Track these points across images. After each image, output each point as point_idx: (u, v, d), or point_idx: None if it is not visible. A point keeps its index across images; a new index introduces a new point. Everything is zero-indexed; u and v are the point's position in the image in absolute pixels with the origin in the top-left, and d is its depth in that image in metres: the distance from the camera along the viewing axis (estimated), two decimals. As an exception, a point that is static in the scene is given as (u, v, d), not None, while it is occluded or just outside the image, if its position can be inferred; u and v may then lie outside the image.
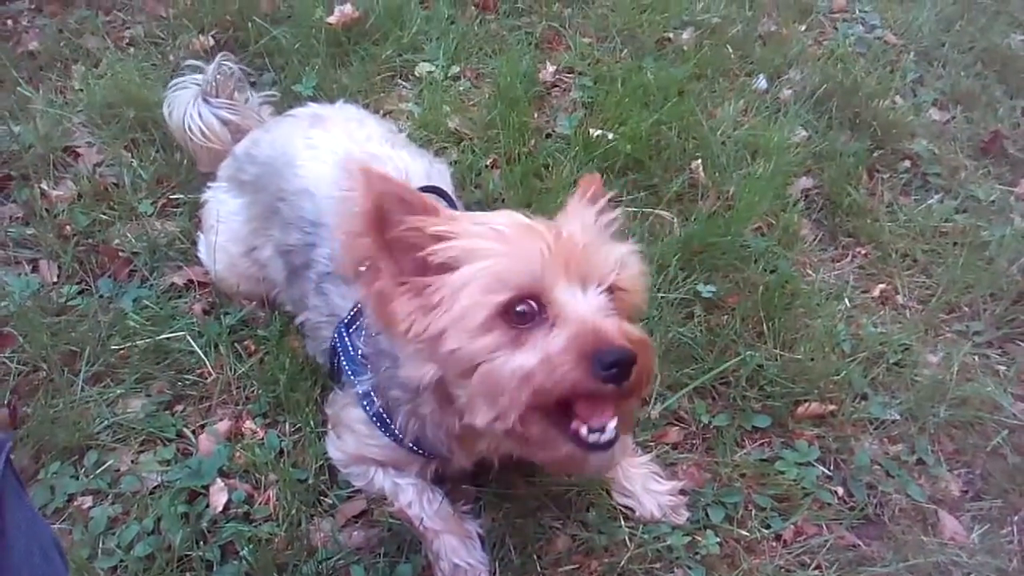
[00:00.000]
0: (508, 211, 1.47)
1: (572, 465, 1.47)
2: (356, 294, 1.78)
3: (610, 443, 1.35)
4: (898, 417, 2.20)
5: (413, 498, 1.85)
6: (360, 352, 1.75)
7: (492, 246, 1.37)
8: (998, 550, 1.99)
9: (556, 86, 3.11)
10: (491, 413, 1.36)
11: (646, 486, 1.96)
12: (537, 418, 1.34)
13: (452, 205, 1.87)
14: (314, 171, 1.94)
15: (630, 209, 2.63)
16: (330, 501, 1.92)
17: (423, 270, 1.39)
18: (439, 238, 1.38)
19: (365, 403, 1.74)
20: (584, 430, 1.33)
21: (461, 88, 3.03)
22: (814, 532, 1.96)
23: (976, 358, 2.39)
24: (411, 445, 1.74)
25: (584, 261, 1.38)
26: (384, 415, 1.73)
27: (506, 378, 1.32)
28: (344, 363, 1.79)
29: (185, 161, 2.47)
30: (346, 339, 1.79)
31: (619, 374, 1.28)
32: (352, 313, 1.79)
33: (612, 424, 1.33)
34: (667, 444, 2.09)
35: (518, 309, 1.34)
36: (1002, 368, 2.37)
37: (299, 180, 1.94)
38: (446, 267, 1.37)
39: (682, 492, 1.98)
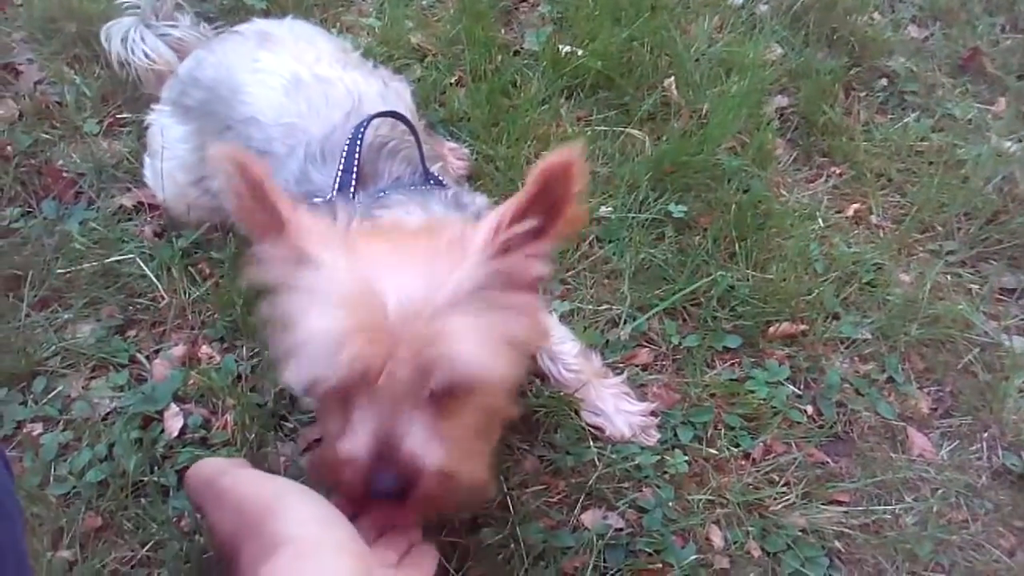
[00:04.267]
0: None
1: None
2: None
3: None
4: (869, 336, 2.18)
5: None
6: None
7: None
8: (967, 466, 1.99)
9: (524, 0, 2.98)
10: None
11: (618, 406, 1.93)
12: None
13: (412, 128, 1.78)
14: (261, 97, 1.82)
15: (601, 128, 2.56)
16: (291, 425, 1.87)
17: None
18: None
19: None
20: None
21: (424, 2, 2.89)
22: (783, 450, 1.94)
23: (949, 277, 2.35)
24: None
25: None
26: None
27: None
28: None
29: (130, 78, 2.33)
30: None
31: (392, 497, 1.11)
32: None
33: None
34: (637, 365, 2.05)
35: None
36: (975, 287, 2.34)
37: (245, 107, 1.82)
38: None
39: (653, 414, 1.95)
